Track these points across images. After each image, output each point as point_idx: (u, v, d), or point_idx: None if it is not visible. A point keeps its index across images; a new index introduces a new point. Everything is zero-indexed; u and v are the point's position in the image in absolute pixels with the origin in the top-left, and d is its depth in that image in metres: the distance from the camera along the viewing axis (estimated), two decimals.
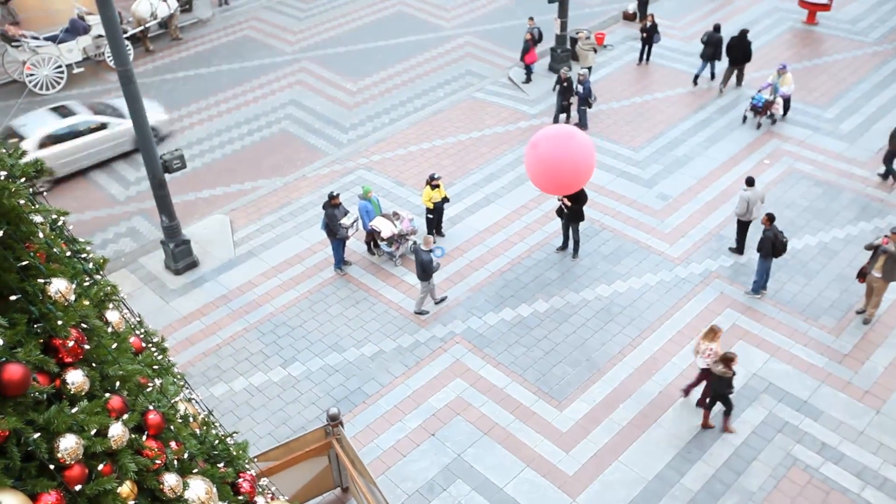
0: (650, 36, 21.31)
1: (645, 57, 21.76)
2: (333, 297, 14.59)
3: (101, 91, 22.22)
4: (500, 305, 14.15)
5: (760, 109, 18.38)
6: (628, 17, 24.30)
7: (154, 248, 15.97)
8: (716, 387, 11.27)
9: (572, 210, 14.52)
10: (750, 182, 14.37)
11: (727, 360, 11.04)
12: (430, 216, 15.51)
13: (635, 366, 12.81)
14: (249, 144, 19.73)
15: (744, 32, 19.59)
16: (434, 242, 13.87)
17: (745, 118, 18.84)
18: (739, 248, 14.92)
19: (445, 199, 15.48)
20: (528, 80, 21.29)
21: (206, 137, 20.08)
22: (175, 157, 14.44)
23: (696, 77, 20.44)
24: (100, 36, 22.27)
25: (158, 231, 15.90)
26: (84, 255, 3.85)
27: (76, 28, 22.57)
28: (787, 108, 18.65)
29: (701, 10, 24.67)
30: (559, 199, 14.57)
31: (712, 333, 11.44)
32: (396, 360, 13.16)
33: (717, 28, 20.10)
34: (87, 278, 3.75)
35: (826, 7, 22.77)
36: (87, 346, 3.29)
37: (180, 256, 15.18)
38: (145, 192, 17.21)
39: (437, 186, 15.20)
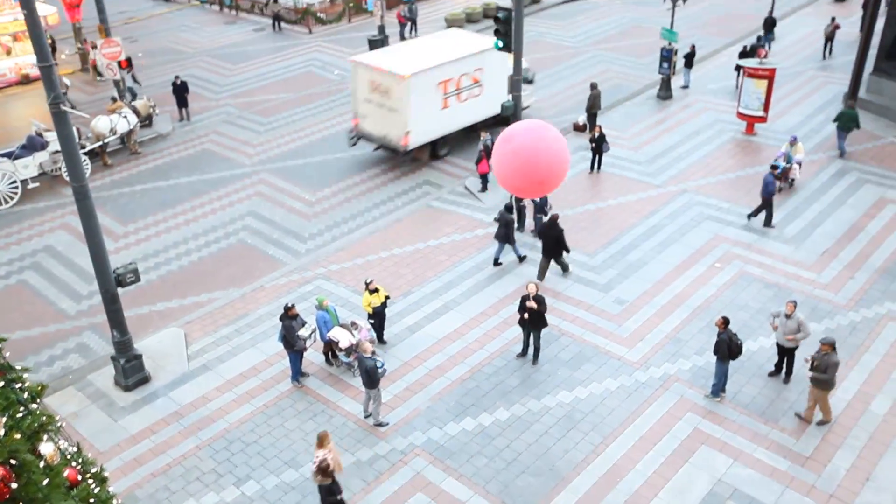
0: (598, 146, 22.16)
1: (596, 166, 22.55)
2: (291, 411, 14.20)
3: (56, 205, 22.11)
4: (461, 415, 13.90)
5: (781, 175, 19.91)
6: (579, 129, 25.28)
7: (104, 363, 15.48)
8: (322, 497, 11.52)
9: (537, 314, 14.56)
10: None
11: (324, 469, 11.22)
12: (372, 322, 15.45)
13: (599, 474, 12.57)
14: (207, 256, 19.62)
15: (553, 218, 17.48)
16: (373, 349, 13.68)
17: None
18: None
19: (385, 302, 15.46)
20: (484, 188, 21.79)
21: (162, 250, 19.93)
22: (129, 271, 14.25)
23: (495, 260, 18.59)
24: (57, 151, 22.33)
25: (109, 346, 15.46)
26: (19, 385, 3.69)
27: (33, 144, 22.64)
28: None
29: (648, 120, 25.82)
30: (526, 303, 14.60)
31: (320, 440, 11.50)
32: (355, 476, 12.71)
33: (508, 208, 18.21)
34: (22, 408, 3.58)
35: (762, 119, 24.04)
36: (15, 485, 3.10)
37: (131, 372, 14.72)
38: (97, 305, 16.85)
39: (376, 291, 15.23)
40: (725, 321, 13.62)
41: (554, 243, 17.35)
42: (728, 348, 13.48)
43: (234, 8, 39.96)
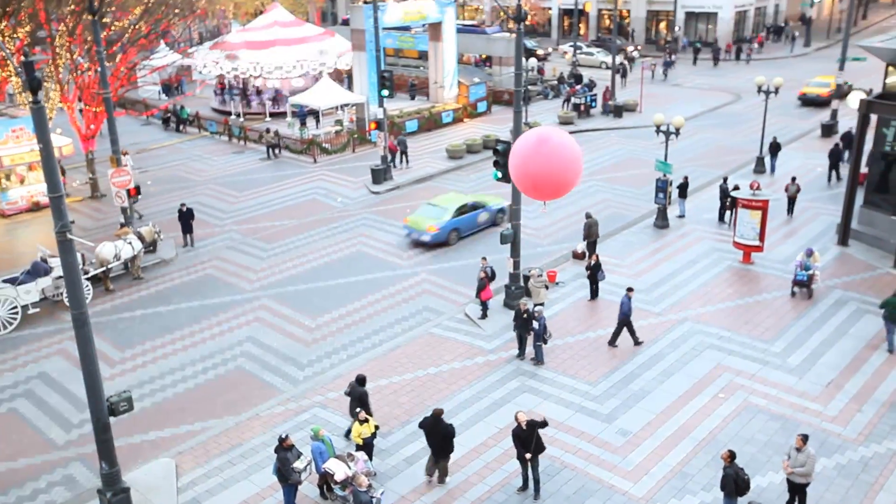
0: (594, 274, 22.34)
1: (591, 294, 22.65)
2: None
3: (54, 331, 22.04)
4: None
5: (806, 282, 21.86)
6: (578, 256, 25.58)
7: (90, 497, 14.92)
8: None
9: (534, 442, 14.13)
10: None
11: None
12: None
13: None
14: (203, 383, 19.34)
15: (437, 414, 14.75)
16: (369, 483, 13.23)
17: (793, 293, 22.18)
18: None
19: (375, 433, 15.09)
20: (485, 315, 21.78)
21: (158, 376, 19.68)
22: (122, 400, 13.99)
23: None
24: (60, 277, 22.50)
25: (97, 478, 14.96)
26: None
27: (38, 270, 22.85)
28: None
29: (646, 249, 26.17)
30: (517, 435, 14.24)
31: None
32: None
33: (360, 380, 16.38)
34: None
35: (759, 248, 24.36)
36: None
37: None
38: (88, 434, 16.44)
39: (366, 421, 14.92)
40: (732, 455, 13.25)
41: (441, 440, 14.68)
42: (735, 484, 13.04)
43: (243, 138, 41.41)
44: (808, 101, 44.68)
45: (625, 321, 19.82)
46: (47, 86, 30.81)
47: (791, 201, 28.20)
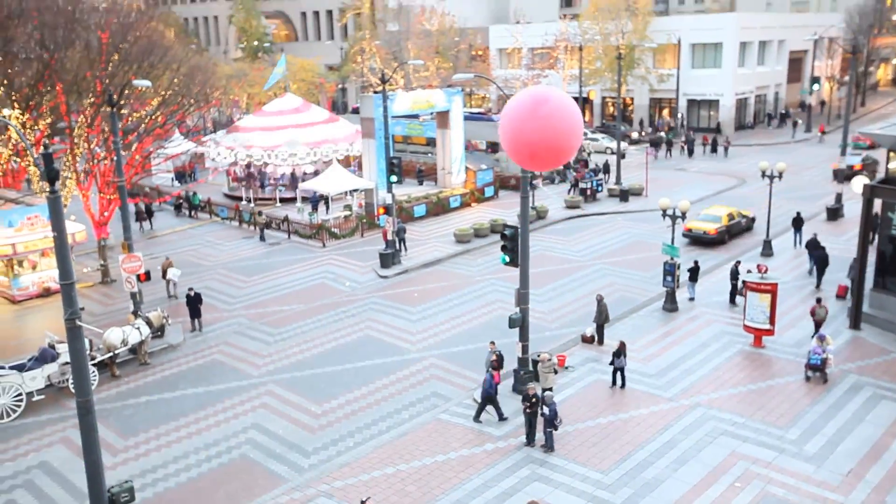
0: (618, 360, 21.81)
1: (618, 381, 22.05)
2: None
3: (58, 419, 21.81)
4: None
5: (820, 366, 21.55)
6: (587, 340, 25.40)
7: None
8: None
9: None
10: None
11: None
12: None
13: None
14: (206, 472, 18.97)
15: None
16: None
17: (807, 378, 21.81)
18: None
19: None
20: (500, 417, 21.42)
21: (161, 465, 19.33)
22: (123, 490, 13.73)
23: None
24: (66, 363, 22.43)
25: None
26: None
27: (45, 357, 22.82)
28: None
29: (655, 332, 25.97)
30: None
31: None
32: None
33: None
34: None
35: (770, 332, 24.16)
36: None
37: None
38: None
39: None
40: None
41: None
42: None
43: (253, 224, 41.94)
44: (695, 240, 35.73)
45: (488, 399, 20.30)
46: (64, 174, 31.53)
47: (818, 325, 24.91)
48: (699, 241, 35.81)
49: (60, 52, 30.33)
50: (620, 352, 21.88)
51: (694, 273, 28.66)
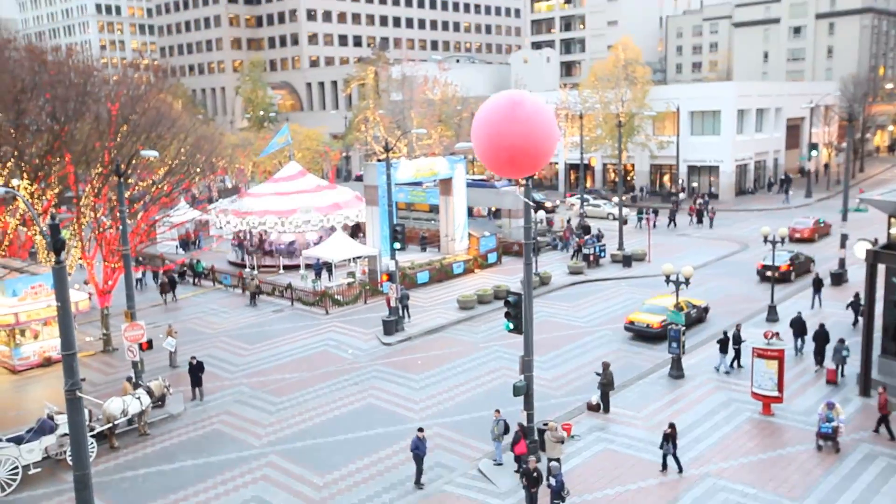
0: (670, 442, 20.49)
1: (676, 465, 20.66)
2: None
3: (54, 492, 21.35)
4: None
5: (831, 435, 21.22)
6: (592, 408, 25.03)
7: None
8: None
9: None
10: None
11: None
12: None
13: None
14: None
15: None
16: None
17: (819, 447, 21.39)
18: None
19: None
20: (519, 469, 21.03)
21: None
22: None
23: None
24: (65, 434, 22.09)
25: None
26: None
27: (43, 428, 22.50)
28: None
29: (661, 400, 25.62)
30: None
31: None
32: None
33: None
34: None
35: (778, 399, 23.82)
36: None
37: None
38: None
39: None
40: None
41: None
42: None
43: (242, 287, 41.94)
44: (638, 334, 31.88)
45: (419, 457, 20.74)
46: (70, 243, 31.72)
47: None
48: (642, 335, 31.63)
49: (71, 123, 30.93)
50: (670, 437, 20.50)
51: (724, 344, 28.16)
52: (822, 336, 27.57)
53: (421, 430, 21.35)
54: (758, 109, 72.02)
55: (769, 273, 37.14)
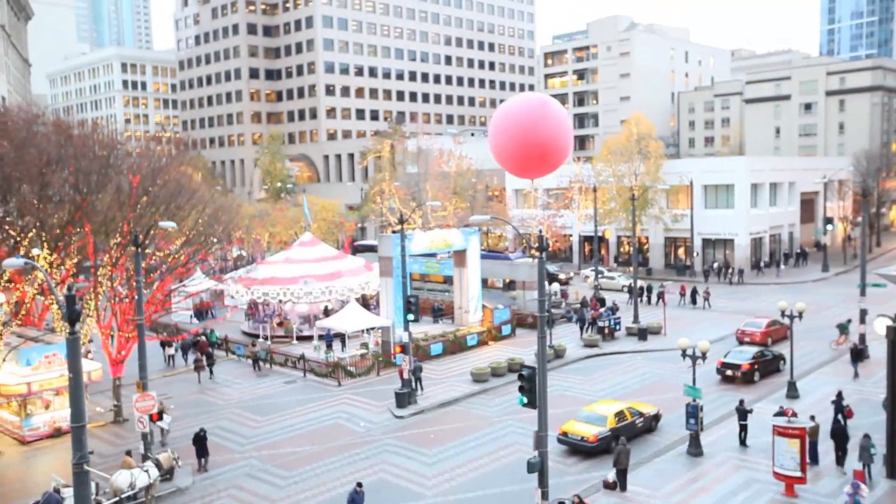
0: None
1: None
2: None
3: None
4: None
5: None
6: (609, 486, 24.38)
7: None
8: None
9: None
10: None
11: None
12: None
13: None
14: None
15: None
16: None
17: None
18: None
19: None
20: None
21: None
22: None
23: None
24: None
25: None
26: None
27: (49, 502, 22.13)
28: None
29: (680, 478, 24.94)
30: None
31: None
32: None
33: None
34: None
35: (802, 480, 23.10)
36: None
37: None
38: None
39: None
40: None
41: None
42: None
43: (268, 361, 41.77)
44: (573, 448, 27.58)
45: None
46: (85, 312, 31.89)
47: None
48: (577, 450, 27.42)
49: (93, 195, 31.52)
50: None
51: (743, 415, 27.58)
52: (840, 434, 25.27)
53: (360, 484, 21.71)
54: (771, 183, 72.35)
55: (729, 372, 35.33)
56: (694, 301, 54.93)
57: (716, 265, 67.00)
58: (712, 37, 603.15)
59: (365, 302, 50.05)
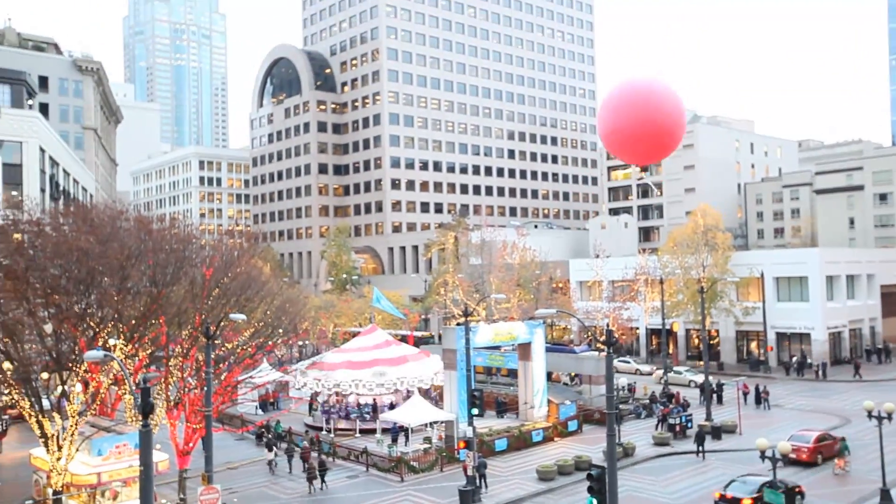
0: None
1: None
2: None
3: None
4: None
5: None
6: None
7: None
8: None
9: None
10: None
11: None
12: None
13: None
14: None
15: None
16: None
17: None
18: None
19: None
20: None
21: None
22: None
23: None
24: None
25: None
26: None
27: None
28: None
29: None
30: None
31: None
32: None
33: None
34: None
35: None
36: None
37: None
38: None
39: None
40: None
41: None
42: None
43: (332, 455, 41.40)
44: None
45: None
46: (156, 402, 32.45)
47: None
48: None
49: (168, 287, 32.62)
50: None
51: None
52: None
53: None
54: (848, 276, 69.97)
55: None
56: (758, 401, 51.13)
57: (794, 359, 64.37)
58: (778, 128, 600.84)
59: (426, 394, 49.62)
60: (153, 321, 32.47)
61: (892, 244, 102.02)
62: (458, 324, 48.51)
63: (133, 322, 31.37)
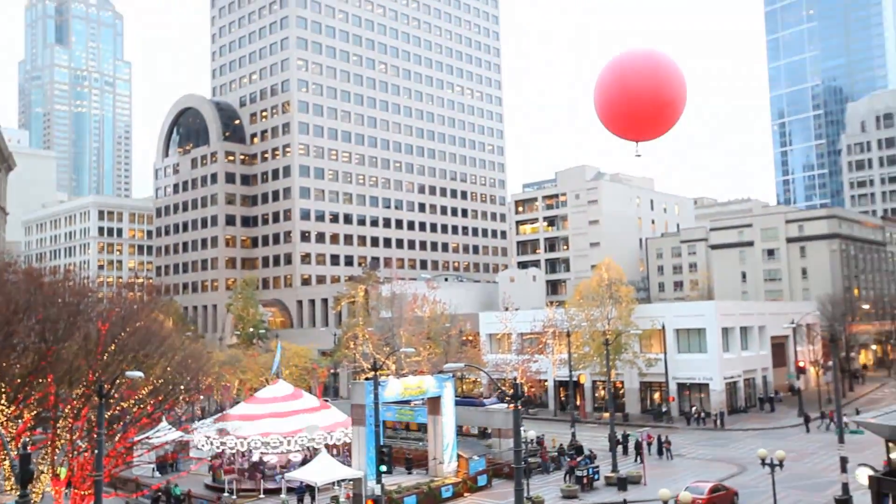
0: None
1: None
2: None
3: None
4: None
5: None
6: None
7: None
8: None
9: None
10: None
11: None
12: None
13: None
14: None
15: None
16: None
17: None
18: None
19: None
20: None
21: None
22: None
23: None
24: None
25: None
26: None
27: None
28: None
29: None
30: None
31: None
32: None
33: None
34: None
35: None
36: None
37: None
38: None
39: None
40: None
41: None
42: None
43: None
44: None
45: None
46: (39, 469, 30.32)
47: None
48: None
49: (59, 343, 30.87)
50: None
51: None
52: None
53: None
54: (742, 328, 73.27)
55: None
56: (660, 452, 51.56)
57: (694, 409, 66.40)
58: (675, 186, 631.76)
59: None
60: (41, 379, 30.58)
61: (780, 297, 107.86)
62: (366, 378, 47.80)
63: (18, 381, 29.42)
